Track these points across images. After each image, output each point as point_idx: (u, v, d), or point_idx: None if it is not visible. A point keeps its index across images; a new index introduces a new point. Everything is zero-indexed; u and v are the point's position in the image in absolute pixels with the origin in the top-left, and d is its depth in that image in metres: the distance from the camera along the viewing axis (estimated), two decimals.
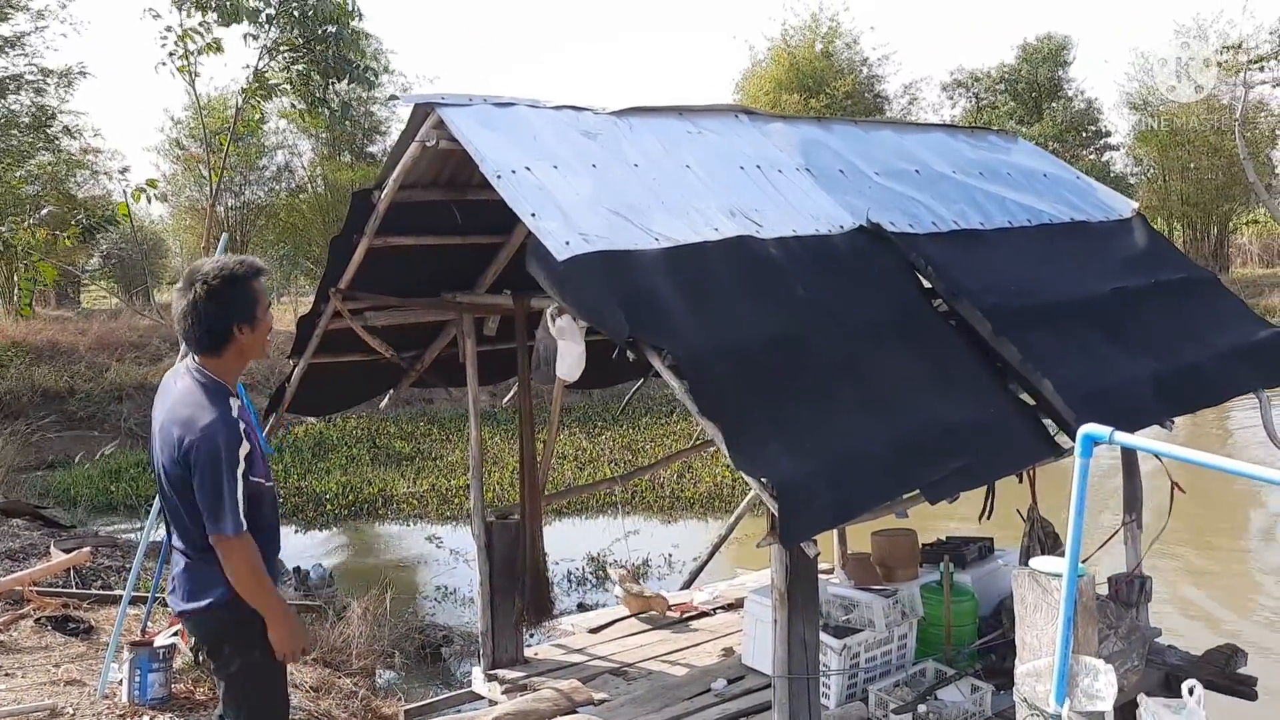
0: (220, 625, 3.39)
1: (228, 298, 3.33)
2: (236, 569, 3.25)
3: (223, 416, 3.24)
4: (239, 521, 3.21)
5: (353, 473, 15.46)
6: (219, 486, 3.18)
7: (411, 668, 8.27)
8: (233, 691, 3.45)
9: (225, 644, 3.41)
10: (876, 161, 5.93)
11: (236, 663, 3.39)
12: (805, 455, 4.00)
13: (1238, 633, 7.71)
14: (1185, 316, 5.89)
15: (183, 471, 3.23)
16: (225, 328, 3.34)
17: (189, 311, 3.32)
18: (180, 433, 3.24)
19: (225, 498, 3.18)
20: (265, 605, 3.32)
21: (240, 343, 3.38)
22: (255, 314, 3.40)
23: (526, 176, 4.58)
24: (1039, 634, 2.66)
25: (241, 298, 3.36)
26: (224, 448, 3.19)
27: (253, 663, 3.39)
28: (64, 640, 6.15)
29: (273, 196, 27.15)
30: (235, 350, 3.39)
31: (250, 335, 3.39)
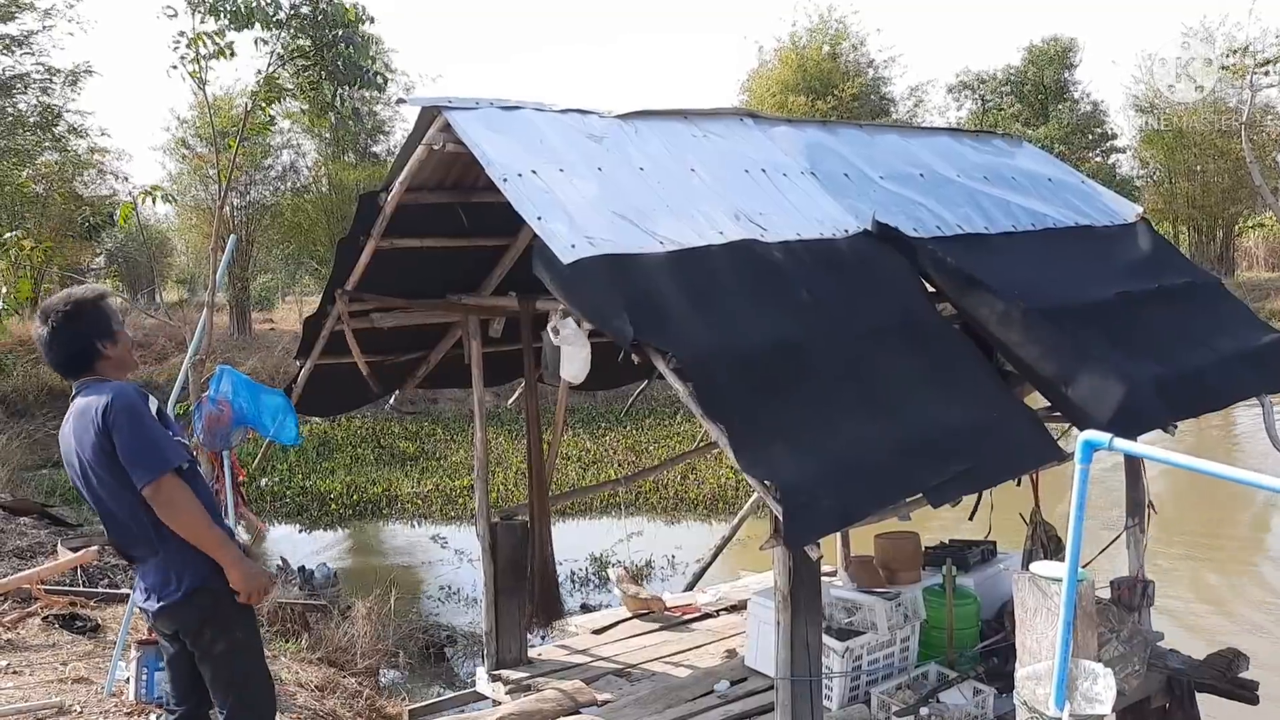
0: (198, 610, 3.47)
1: (81, 320, 3.49)
2: (175, 509, 3.32)
3: (122, 384, 3.44)
4: (166, 459, 3.30)
5: (357, 472, 15.50)
6: (140, 433, 3.31)
7: (416, 667, 8.30)
8: (221, 672, 3.52)
9: (206, 627, 3.49)
10: (881, 165, 5.95)
11: (221, 643, 3.49)
12: (809, 458, 4.02)
13: (1239, 637, 7.70)
14: (1189, 321, 5.89)
15: (110, 447, 3.33)
16: (88, 346, 3.50)
17: (50, 341, 3.50)
18: (91, 415, 3.37)
19: (147, 441, 3.30)
20: (213, 546, 3.39)
21: (108, 357, 3.54)
22: (111, 329, 3.55)
23: (532, 180, 4.61)
24: (1039, 638, 2.68)
25: (93, 318, 3.52)
26: (137, 401, 3.36)
27: (236, 640, 3.50)
28: (71, 638, 6.18)
29: (278, 196, 27.15)
30: (106, 365, 3.54)
31: (114, 349, 3.55)
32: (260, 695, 3.59)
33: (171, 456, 3.33)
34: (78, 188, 24.06)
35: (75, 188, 23.92)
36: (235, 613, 3.50)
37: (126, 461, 3.30)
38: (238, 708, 3.52)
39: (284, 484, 14.85)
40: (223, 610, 3.47)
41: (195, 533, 3.36)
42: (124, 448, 3.30)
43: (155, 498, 3.31)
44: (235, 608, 3.48)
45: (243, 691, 3.53)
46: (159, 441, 3.33)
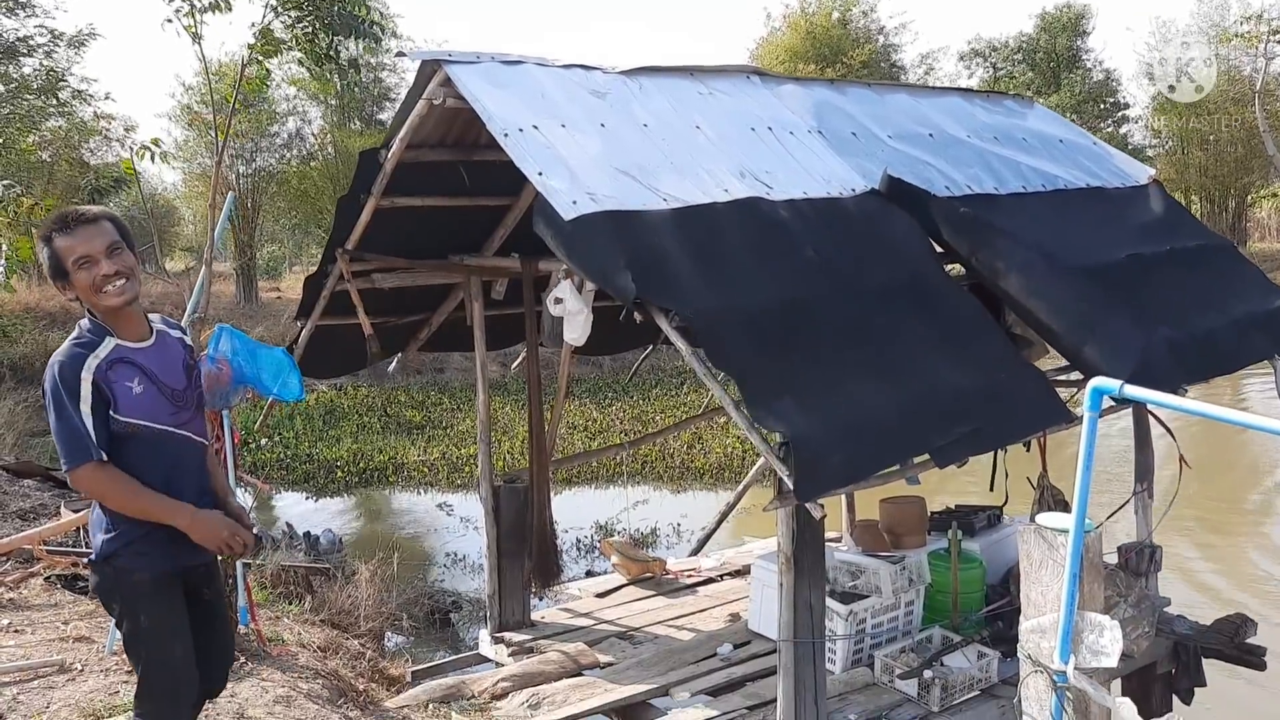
0: (105, 581, 3.34)
1: (45, 264, 3.32)
2: (99, 497, 3.22)
3: (67, 352, 3.22)
4: (76, 453, 3.14)
5: (364, 440, 15.50)
6: (56, 419, 3.16)
7: (420, 632, 8.31)
8: (129, 650, 3.42)
9: (112, 602, 3.37)
10: (890, 124, 5.86)
11: (125, 624, 3.35)
12: (815, 417, 3.97)
13: (1247, 603, 7.66)
14: (1200, 283, 5.81)
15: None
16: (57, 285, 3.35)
17: None
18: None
19: (65, 430, 3.15)
20: (158, 515, 3.25)
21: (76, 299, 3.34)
22: (65, 271, 3.28)
23: (534, 135, 4.54)
24: (1044, 590, 2.63)
25: (48, 263, 3.31)
26: (57, 380, 3.17)
27: (137, 626, 3.32)
28: (73, 598, 6.18)
29: (284, 164, 27.07)
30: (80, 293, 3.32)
31: (70, 292, 3.32)
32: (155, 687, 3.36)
33: (80, 450, 3.14)
34: (84, 154, 23.99)
35: (81, 154, 23.85)
36: (142, 596, 3.29)
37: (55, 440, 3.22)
38: (139, 688, 3.39)
39: (290, 451, 14.86)
40: (127, 590, 3.29)
41: (132, 510, 3.23)
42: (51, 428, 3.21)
43: (76, 486, 3.22)
44: (145, 591, 3.29)
45: (143, 678, 3.37)
46: (76, 433, 3.14)
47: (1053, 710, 2.59)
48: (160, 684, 3.37)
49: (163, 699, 3.38)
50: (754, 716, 4.89)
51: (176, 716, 3.42)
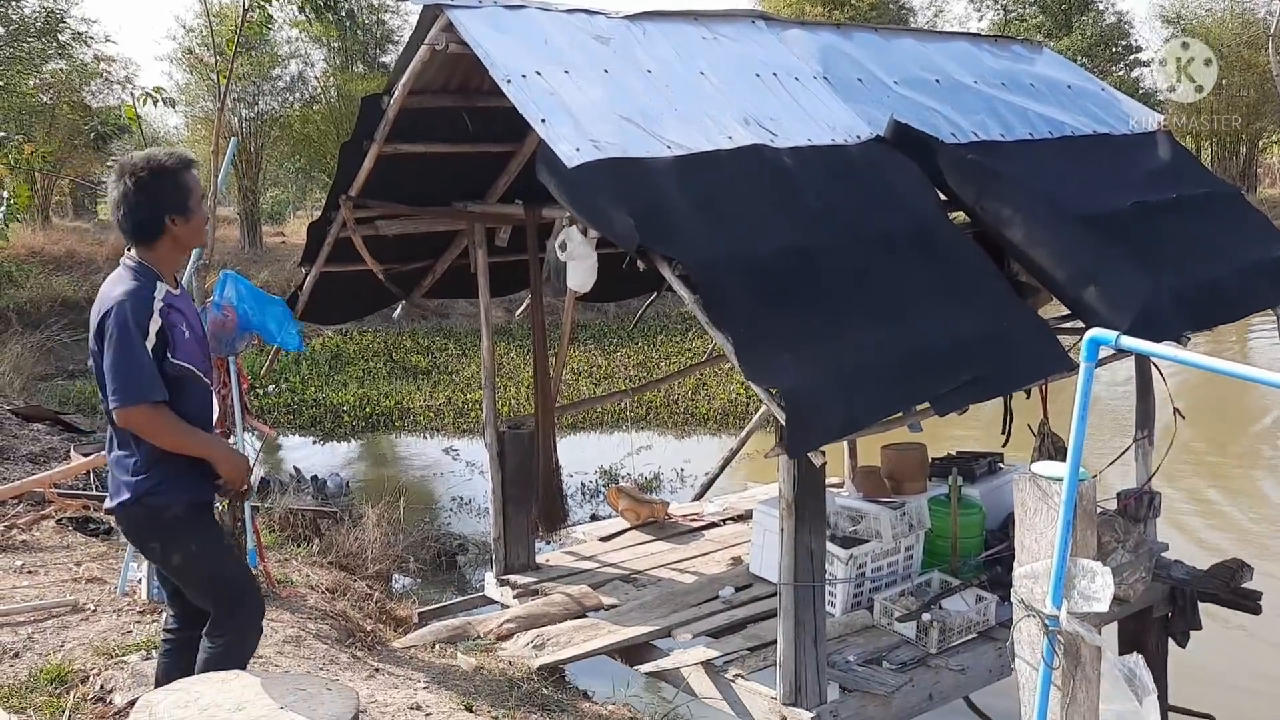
0: (138, 522, 3.38)
1: (156, 189, 3.31)
2: (150, 434, 3.24)
3: (136, 292, 3.26)
4: (138, 392, 3.18)
5: (370, 385, 15.57)
6: (120, 355, 3.18)
7: (427, 574, 8.43)
8: (191, 581, 3.45)
9: (151, 541, 3.42)
10: (896, 70, 5.81)
11: (175, 558, 3.40)
12: (815, 366, 3.99)
13: (1244, 549, 7.74)
14: (1207, 231, 5.80)
15: (100, 349, 3.26)
16: (156, 218, 3.33)
17: (120, 202, 3.33)
18: (98, 309, 3.28)
19: (128, 367, 3.18)
20: (200, 452, 3.33)
21: (174, 234, 3.37)
22: (187, 205, 3.36)
23: (537, 81, 4.51)
24: (1038, 537, 2.68)
25: (172, 189, 3.34)
26: (130, 317, 3.20)
27: (189, 555, 3.38)
28: (85, 540, 6.28)
29: (286, 107, 26.85)
30: (169, 241, 3.38)
31: (184, 226, 3.37)
32: (236, 597, 3.45)
33: (148, 390, 3.19)
34: (85, 98, 23.83)
35: (83, 98, 23.69)
36: (182, 527, 3.36)
37: (106, 376, 3.22)
38: (220, 609, 3.42)
39: (296, 396, 14.94)
40: (165, 525, 3.35)
41: (174, 445, 3.28)
42: (106, 365, 3.22)
43: (122, 422, 3.23)
44: (183, 523, 3.35)
45: (218, 598, 3.42)
46: (134, 370, 3.18)
47: (1044, 653, 2.65)
48: (233, 598, 3.44)
49: (241, 613, 3.46)
50: (755, 658, 4.97)
51: (255, 630, 3.51)
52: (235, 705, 2.86)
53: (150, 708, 2.86)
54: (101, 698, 4.20)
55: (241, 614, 3.46)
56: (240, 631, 3.46)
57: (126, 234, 3.39)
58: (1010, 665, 3.10)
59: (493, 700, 4.61)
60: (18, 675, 4.38)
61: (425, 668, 5.02)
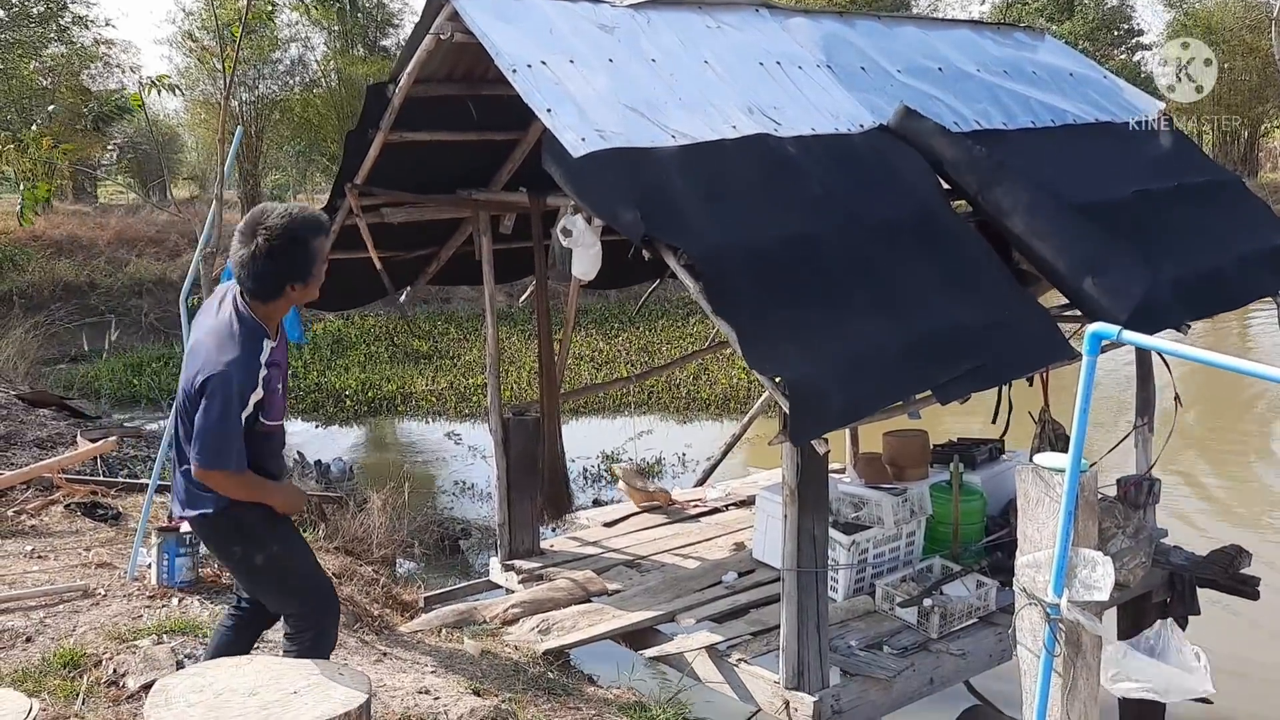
0: (221, 530, 3.49)
1: (288, 257, 3.31)
2: (227, 494, 3.37)
3: (244, 359, 3.28)
4: (224, 461, 3.27)
5: (371, 370, 15.60)
6: (215, 428, 3.24)
7: (431, 559, 8.49)
8: (269, 585, 3.56)
9: (233, 545, 3.52)
10: (899, 59, 5.83)
11: (259, 557, 3.49)
12: (818, 355, 4.04)
13: (1243, 535, 7.79)
14: (1208, 220, 5.83)
15: (195, 395, 3.29)
16: (279, 285, 3.35)
17: (248, 262, 3.31)
18: (203, 361, 3.29)
19: (218, 438, 3.25)
20: (262, 499, 3.44)
21: (291, 297, 3.42)
22: (310, 272, 3.39)
23: (542, 71, 4.54)
24: (1040, 527, 2.73)
25: (302, 258, 3.34)
26: (235, 392, 3.25)
27: (273, 554, 3.49)
28: (93, 525, 6.33)
29: (286, 91, 26.81)
30: (285, 303, 3.44)
31: (302, 290, 3.41)
32: (317, 597, 3.57)
33: (228, 460, 3.27)
34: (85, 81, 23.78)
35: (82, 81, 23.65)
36: (263, 528, 3.48)
37: (194, 434, 3.27)
38: (302, 611, 3.54)
39: (299, 381, 14.97)
40: (249, 530, 3.46)
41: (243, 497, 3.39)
42: (197, 425, 3.26)
43: (205, 480, 3.33)
44: (262, 524, 3.47)
45: (301, 599, 3.53)
46: (228, 442, 3.26)
47: (1045, 641, 2.70)
48: (318, 597, 3.57)
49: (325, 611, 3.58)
50: (757, 642, 5.03)
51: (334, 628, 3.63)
52: (249, 690, 2.91)
53: (166, 691, 2.91)
54: (114, 681, 4.26)
55: (321, 613, 3.57)
56: (321, 630, 3.56)
57: (246, 288, 3.38)
58: (1011, 651, 3.15)
59: (499, 684, 4.67)
60: (31, 659, 4.43)
61: (432, 652, 5.08)
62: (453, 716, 4.12)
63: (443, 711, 4.15)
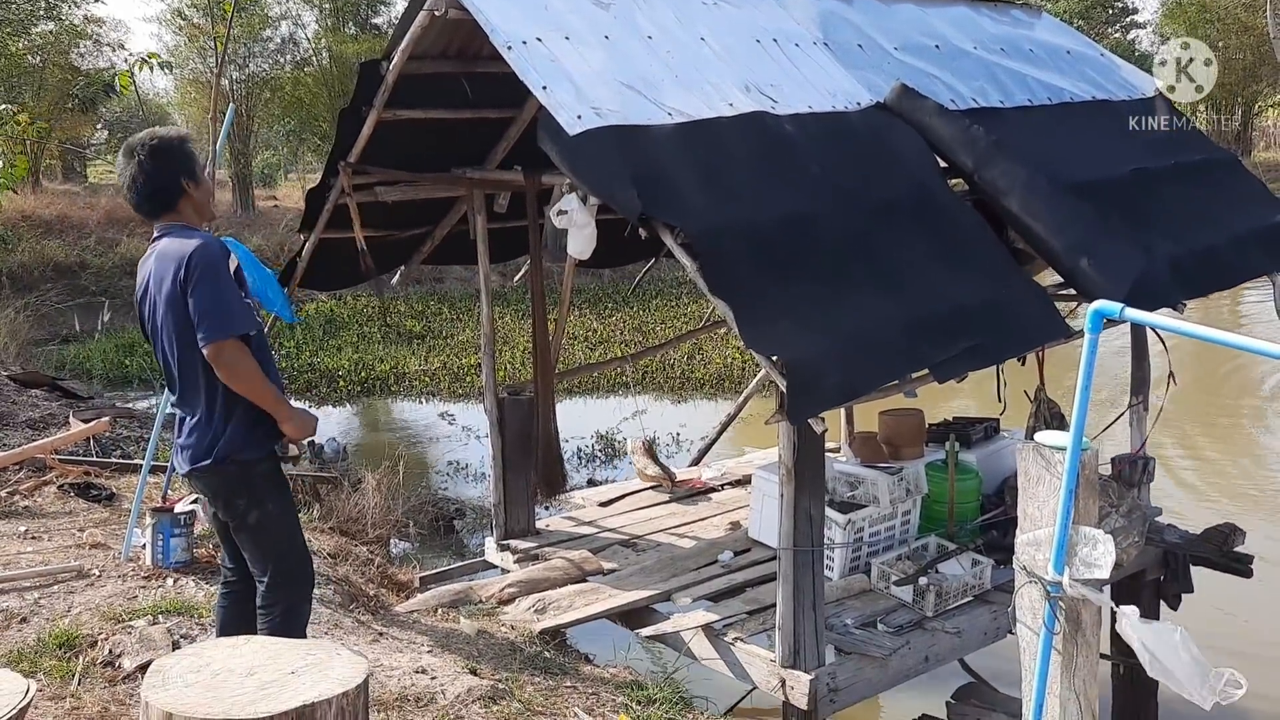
0: (230, 479, 3.53)
1: (167, 157, 3.52)
2: (234, 373, 3.38)
3: (209, 237, 3.51)
4: (234, 324, 3.37)
5: (364, 350, 15.57)
6: (217, 290, 3.36)
7: (425, 539, 8.49)
8: (257, 542, 3.59)
9: (238, 498, 3.55)
10: (896, 36, 5.79)
11: (254, 514, 3.54)
12: (815, 334, 4.02)
13: (1238, 513, 7.82)
14: (1203, 199, 5.82)
15: (183, 298, 3.37)
16: (174, 183, 3.52)
17: (138, 174, 3.50)
18: (176, 264, 3.40)
19: (220, 302, 3.35)
20: (271, 404, 3.48)
21: (191, 197, 3.56)
22: (195, 171, 3.58)
23: (537, 48, 4.50)
24: (1041, 505, 2.72)
25: (180, 155, 3.56)
26: (218, 256, 3.41)
27: (268, 512, 3.55)
28: (87, 506, 6.31)
29: (277, 69, 26.63)
30: (189, 205, 3.57)
31: (196, 190, 3.57)
32: (296, 565, 3.64)
33: (240, 323, 3.38)
34: (74, 59, 23.59)
35: (71, 59, 23.46)
36: (267, 485, 3.56)
37: (196, 317, 3.35)
38: (276, 577, 3.57)
39: (292, 361, 14.93)
40: (253, 482, 3.53)
41: (253, 393, 3.43)
42: (196, 304, 3.35)
43: (216, 359, 3.36)
44: (267, 480, 3.55)
45: (279, 562, 3.58)
46: (230, 305, 3.37)
47: (1045, 619, 2.71)
48: (297, 566, 3.63)
49: (301, 581, 3.65)
50: (754, 621, 5.04)
51: (306, 602, 3.67)
52: (247, 670, 2.90)
53: (163, 672, 2.89)
54: (110, 662, 4.25)
55: (295, 583, 3.62)
56: (292, 602, 3.60)
57: (148, 205, 3.56)
58: (1008, 629, 3.16)
59: (496, 663, 4.67)
60: (26, 640, 4.42)
61: (429, 632, 5.08)
62: (449, 696, 4.12)
63: (439, 691, 4.16)
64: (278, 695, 2.73)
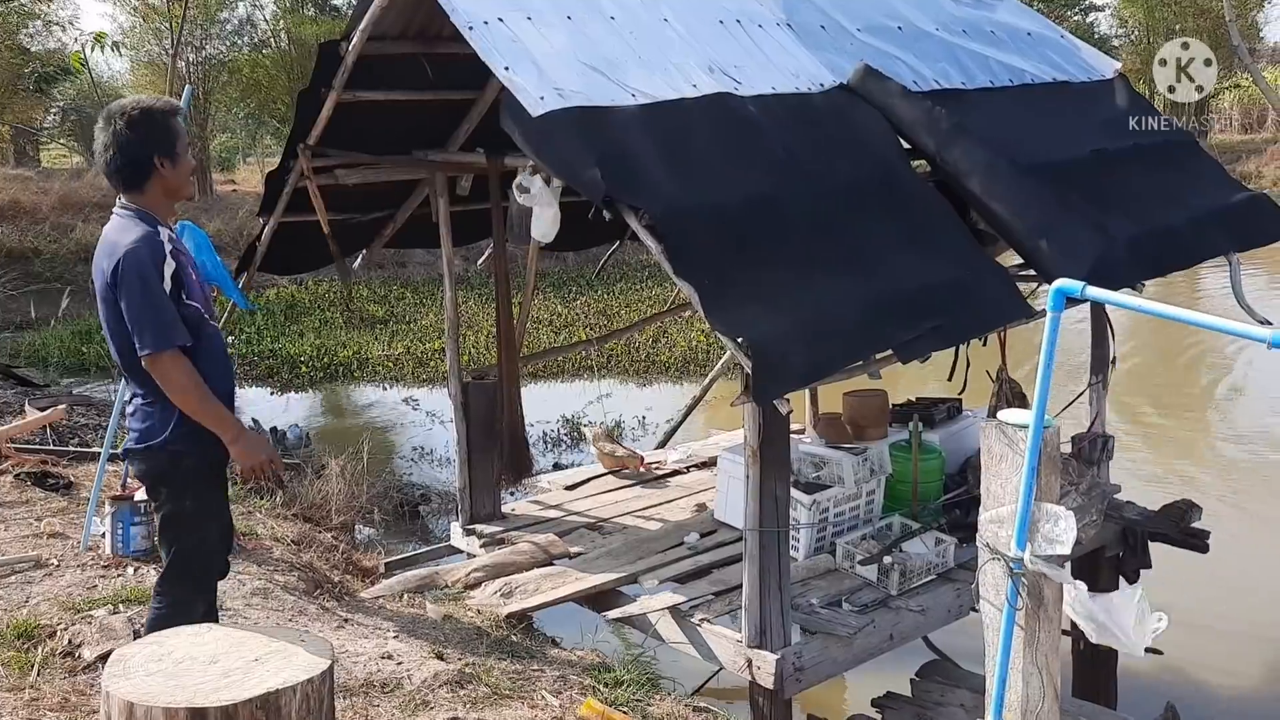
0: (159, 466, 3.41)
1: (146, 130, 3.35)
2: (169, 384, 3.25)
3: (147, 237, 3.29)
4: (168, 337, 3.22)
5: (326, 336, 15.42)
6: (145, 301, 3.21)
7: (390, 524, 8.45)
8: (165, 531, 3.49)
9: (162, 486, 3.44)
10: (859, 17, 5.79)
11: (168, 506, 3.43)
12: (781, 315, 4.03)
13: (1194, 490, 7.95)
14: (1162, 179, 5.88)
15: (114, 296, 3.26)
16: (146, 159, 3.36)
17: (110, 144, 3.35)
18: (108, 257, 3.27)
19: (151, 311, 3.21)
20: (213, 422, 3.32)
21: (163, 176, 3.39)
22: (175, 149, 3.41)
23: (499, 28, 4.46)
24: (1004, 483, 2.75)
25: (161, 130, 3.38)
26: (149, 263, 3.24)
27: (181, 510, 3.42)
28: (44, 495, 6.21)
29: (235, 51, 26.25)
30: (159, 185, 3.40)
31: (171, 170, 3.40)
32: (197, 566, 3.50)
33: (175, 334, 3.23)
34: (23, 40, 23.10)
35: (20, 40, 22.98)
36: (192, 481, 3.41)
37: (130, 325, 3.23)
38: (173, 570, 3.48)
39: (253, 347, 14.77)
40: (180, 474, 3.39)
41: (190, 407, 3.28)
42: (128, 312, 3.22)
43: (152, 369, 3.25)
44: (195, 476, 3.41)
45: (181, 559, 3.46)
46: (162, 315, 3.21)
47: (1008, 594, 2.74)
48: (193, 565, 3.48)
49: (191, 581, 3.49)
50: (720, 602, 5.06)
51: (200, 599, 3.52)
52: (210, 658, 2.87)
53: (124, 661, 2.86)
54: (70, 652, 4.19)
55: (191, 582, 3.48)
56: (183, 598, 3.45)
57: (116, 178, 3.39)
58: (971, 606, 3.19)
59: (463, 648, 4.66)
60: None
61: (394, 617, 5.06)
62: (416, 681, 4.10)
63: (406, 676, 4.14)
64: (242, 683, 2.71)
